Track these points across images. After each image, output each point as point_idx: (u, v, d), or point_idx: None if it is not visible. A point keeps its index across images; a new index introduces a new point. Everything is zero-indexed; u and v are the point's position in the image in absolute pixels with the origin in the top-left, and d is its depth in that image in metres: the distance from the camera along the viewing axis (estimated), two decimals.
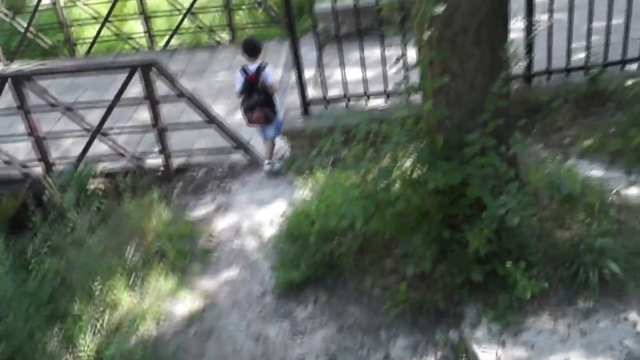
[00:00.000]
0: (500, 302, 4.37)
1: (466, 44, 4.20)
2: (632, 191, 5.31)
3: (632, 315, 4.21)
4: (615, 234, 4.56)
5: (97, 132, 7.45)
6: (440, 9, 3.93)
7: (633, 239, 4.63)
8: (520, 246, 4.44)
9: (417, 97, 4.69)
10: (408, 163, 4.63)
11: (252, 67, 6.92)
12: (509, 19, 4.41)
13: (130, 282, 5.65)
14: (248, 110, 6.99)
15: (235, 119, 8.41)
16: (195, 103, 7.33)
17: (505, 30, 4.34)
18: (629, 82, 6.61)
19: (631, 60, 6.91)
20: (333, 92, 7.21)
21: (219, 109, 8.32)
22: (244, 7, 12.41)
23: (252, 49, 7.03)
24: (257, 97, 6.90)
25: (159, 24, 12.18)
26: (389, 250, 4.95)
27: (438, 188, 4.21)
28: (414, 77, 4.61)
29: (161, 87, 7.22)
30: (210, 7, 12.53)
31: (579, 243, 4.44)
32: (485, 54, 4.26)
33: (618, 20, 6.62)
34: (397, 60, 4.42)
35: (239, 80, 6.99)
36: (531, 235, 4.53)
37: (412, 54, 4.62)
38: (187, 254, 5.99)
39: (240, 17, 12.43)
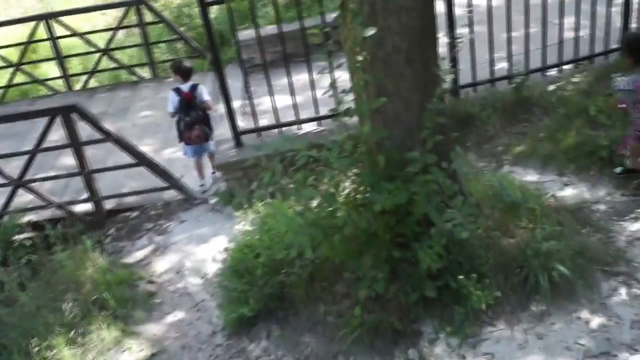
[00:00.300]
0: (456, 315, 4.37)
1: (399, 64, 4.23)
2: (567, 192, 5.47)
3: (584, 314, 4.29)
4: (558, 236, 4.65)
5: (19, 182, 7.16)
6: (371, 31, 3.94)
7: (575, 239, 4.73)
8: (470, 258, 4.47)
9: (352, 120, 4.70)
10: (351, 187, 4.61)
11: (186, 86, 7.04)
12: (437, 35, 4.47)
13: (70, 337, 5.35)
14: (188, 127, 7.04)
15: (165, 155, 8.27)
16: (121, 144, 7.15)
17: (435, 47, 4.40)
18: (551, 87, 6.84)
19: (551, 67, 7.16)
20: (262, 121, 7.16)
21: (146, 148, 8.15)
22: (162, 41, 12.25)
23: (184, 70, 7.18)
24: (195, 115, 7.03)
25: (75, 65, 11.90)
26: (340, 275, 4.90)
27: (384, 209, 4.20)
28: (347, 99, 4.61)
29: (84, 129, 7.02)
30: (128, 44, 12.35)
31: (526, 249, 4.50)
32: (418, 72, 4.30)
33: (535, 29, 6.84)
34: (332, 85, 4.40)
35: (171, 100, 7.05)
36: (479, 246, 4.57)
37: (342, 77, 4.61)
38: (128, 300, 5.74)
39: (160, 51, 12.27)
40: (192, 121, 7.01)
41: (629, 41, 5.25)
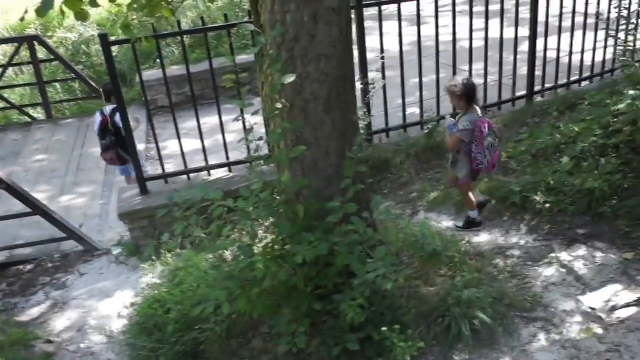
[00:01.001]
0: None
1: (318, 112, 4.15)
2: (482, 238, 5.50)
3: None
4: (477, 283, 4.65)
5: None
6: (291, 78, 3.83)
7: (494, 285, 4.74)
8: (392, 309, 4.39)
9: (267, 167, 4.58)
10: (269, 238, 4.45)
11: (108, 109, 7.14)
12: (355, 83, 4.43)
13: None
14: (103, 151, 7.25)
15: (62, 203, 7.86)
16: (13, 191, 6.70)
17: (354, 94, 4.35)
18: None
19: None
20: (168, 166, 6.92)
21: (41, 195, 7.72)
22: (58, 80, 11.75)
23: (105, 91, 7.28)
24: (109, 139, 7.14)
25: None
26: (258, 330, 4.69)
27: (305, 260, 4.06)
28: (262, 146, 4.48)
29: None
30: (19, 82, 11.78)
31: (447, 297, 4.46)
32: (337, 120, 4.23)
33: (444, 74, 6.97)
34: (248, 131, 4.25)
35: (96, 121, 7.24)
36: (401, 296, 4.50)
37: (254, 121, 4.47)
38: None
39: (55, 91, 11.75)
40: (106, 145, 7.19)
41: (473, 89, 5.44)
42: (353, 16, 5.76)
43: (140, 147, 7.14)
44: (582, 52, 7.84)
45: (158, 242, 5.23)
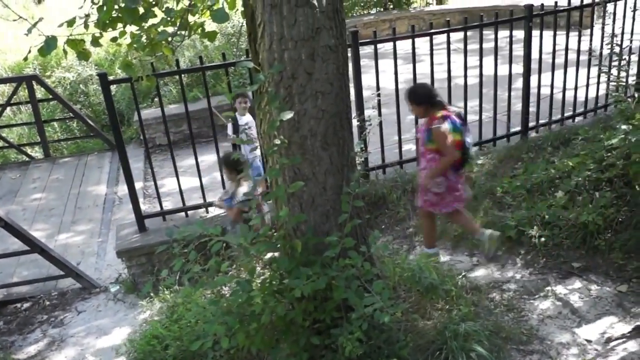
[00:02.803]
0: None
1: (315, 148, 4.20)
2: (478, 272, 5.53)
3: None
4: (474, 317, 4.67)
5: None
6: (289, 115, 3.90)
7: (490, 319, 4.76)
8: (389, 342, 4.39)
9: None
10: (267, 273, 4.47)
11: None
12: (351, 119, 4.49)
13: None
14: None
15: (60, 241, 7.88)
16: (11, 229, 6.72)
17: (350, 131, 4.41)
18: None
19: None
20: (166, 204, 6.96)
21: (38, 234, 7.74)
22: (56, 119, 11.85)
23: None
24: None
25: None
26: None
27: (303, 295, 4.08)
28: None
29: None
30: (16, 121, 11.87)
31: (444, 330, 4.47)
32: (334, 156, 4.28)
33: None
34: (248, 167, 4.31)
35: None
36: (398, 330, 4.50)
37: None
38: None
39: (53, 130, 11.85)
40: None
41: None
42: (349, 54, 5.86)
43: (138, 185, 7.15)
44: (576, 88, 7.97)
45: (156, 278, 5.25)
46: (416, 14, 16.04)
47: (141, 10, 4.51)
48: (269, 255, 4.50)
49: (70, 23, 4.47)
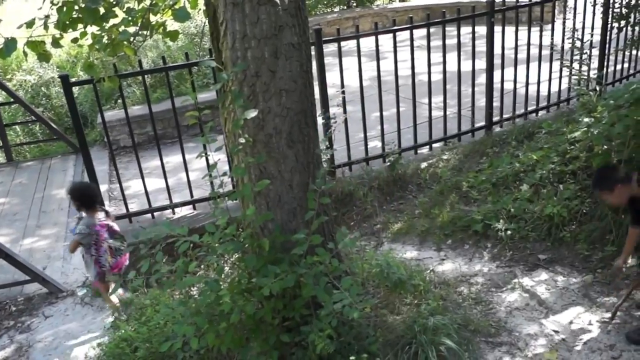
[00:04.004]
0: None
1: (280, 146, 4.20)
2: (446, 266, 5.58)
3: None
4: (443, 310, 4.70)
5: None
6: (253, 113, 3.89)
7: (459, 312, 4.80)
8: (359, 338, 4.41)
9: (231, 202, 4.60)
10: (235, 272, 4.46)
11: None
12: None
13: None
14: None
15: (24, 246, 7.74)
16: None
17: (315, 128, 4.41)
18: (424, 165, 7.07)
19: (422, 145, 7.44)
20: (132, 205, 6.90)
21: (3, 239, 7.59)
22: (18, 123, 11.66)
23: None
24: None
25: None
26: None
27: (271, 293, 4.08)
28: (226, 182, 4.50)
29: None
30: None
31: (413, 325, 4.49)
32: (299, 153, 4.28)
33: (404, 108, 7.10)
34: (212, 167, 4.28)
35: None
36: (368, 326, 4.52)
37: (217, 157, 4.52)
38: None
39: (15, 134, 11.65)
40: None
41: (74, 191, 5.81)
42: (313, 52, 5.87)
43: (103, 187, 7.07)
44: (538, 82, 8.07)
45: (123, 281, 5.19)
46: (379, 12, 16.10)
47: (102, 10, 4.46)
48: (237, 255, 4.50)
49: (30, 24, 4.40)
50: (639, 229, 4.48)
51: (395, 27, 7.06)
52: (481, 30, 7.47)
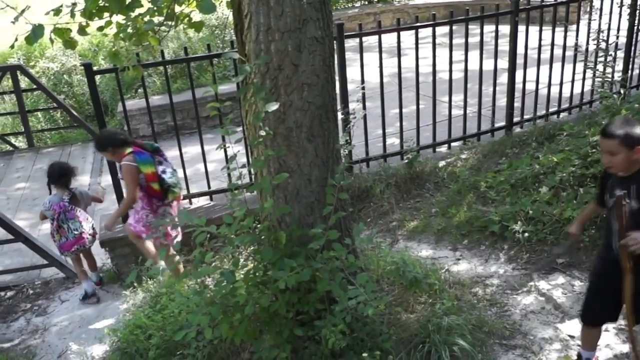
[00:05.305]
0: None
1: (300, 140, 4.20)
2: (461, 267, 5.56)
3: None
4: (457, 311, 4.69)
5: None
6: (274, 106, 3.89)
7: (473, 313, 4.78)
8: (372, 335, 4.40)
9: (249, 195, 4.61)
10: (251, 264, 4.48)
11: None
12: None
13: None
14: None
15: (43, 231, 7.82)
16: None
17: (335, 123, 4.40)
18: (442, 163, 7.04)
19: (440, 143, 7.41)
20: None
21: (22, 223, 7.68)
22: (40, 109, 11.78)
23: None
24: None
25: None
26: (238, 356, 4.70)
27: (287, 286, 4.08)
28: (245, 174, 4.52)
29: None
30: (0, 112, 11.78)
31: (427, 324, 4.48)
32: (319, 148, 4.28)
33: (424, 105, 7.08)
34: (231, 159, 4.29)
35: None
36: (381, 323, 4.52)
37: (235, 149, 4.53)
38: None
39: (37, 120, 11.77)
40: None
41: (49, 167, 6.25)
42: (335, 47, 5.87)
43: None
44: (561, 83, 8.01)
45: (140, 268, 5.23)
46: (401, 8, 16.04)
47: None
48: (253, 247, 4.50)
49: (57, 12, 4.44)
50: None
51: (418, 24, 7.03)
52: (504, 29, 7.42)
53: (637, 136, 3.56)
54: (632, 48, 8.47)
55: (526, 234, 5.70)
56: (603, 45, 7.67)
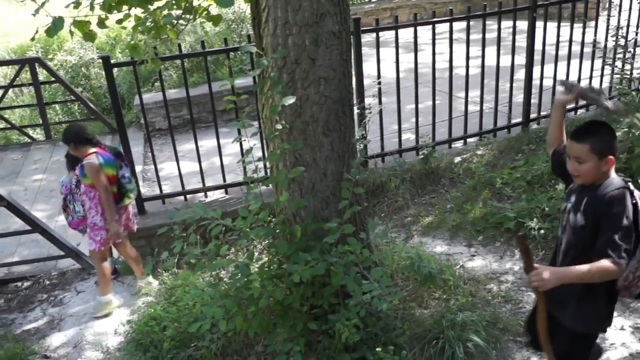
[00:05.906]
0: None
1: (317, 134, 4.22)
2: (476, 263, 5.55)
3: None
4: (471, 307, 4.69)
5: None
6: (291, 100, 3.90)
7: (487, 309, 4.78)
8: (386, 330, 4.41)
9: (264, 188, 4.63)
10: (266, 257, 4.50)
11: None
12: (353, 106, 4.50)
13: None
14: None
15: (60, 222, 7.86)
16: (13, 209, 6.73)
17: (352, 118, 4.42)
18: (457, 159, 7.02)
19: (456, 139, 7.38)
20: (165, 188, 6.97)
21: (39, 214, 7.73)
22: (57, 102, 11.84)
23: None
24: None
25: None
26: (252, 349, 4.73)
27: (301, 280, 4.10)
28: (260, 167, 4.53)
29: None
30: (18, 103, 11.84)
31: (441, 319, 4.49)
32: (335, 142, 4.30)
33: (440, 101, 7.06)
34: (247, 152, 4.30)
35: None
36: (395, 318, 4.53)
37: (251, 143, 4.55)
38: None
39: (54, 112, 11.84)
40: None
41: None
42: (352, 41, 5.86)
43: (137, 168, 7.14)
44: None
45: (156, 260, 5.26)
46: (417, 3, 15.96)
47: None
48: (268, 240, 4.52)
49: (77, 5, 4.47)
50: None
51: (435, 19, 7.00)
52: (521, 25, 7.38)
53: (609, 144, 3.20)
54: None
55: (542, 231, 5.66)
56: (622, 41, 7.61)
